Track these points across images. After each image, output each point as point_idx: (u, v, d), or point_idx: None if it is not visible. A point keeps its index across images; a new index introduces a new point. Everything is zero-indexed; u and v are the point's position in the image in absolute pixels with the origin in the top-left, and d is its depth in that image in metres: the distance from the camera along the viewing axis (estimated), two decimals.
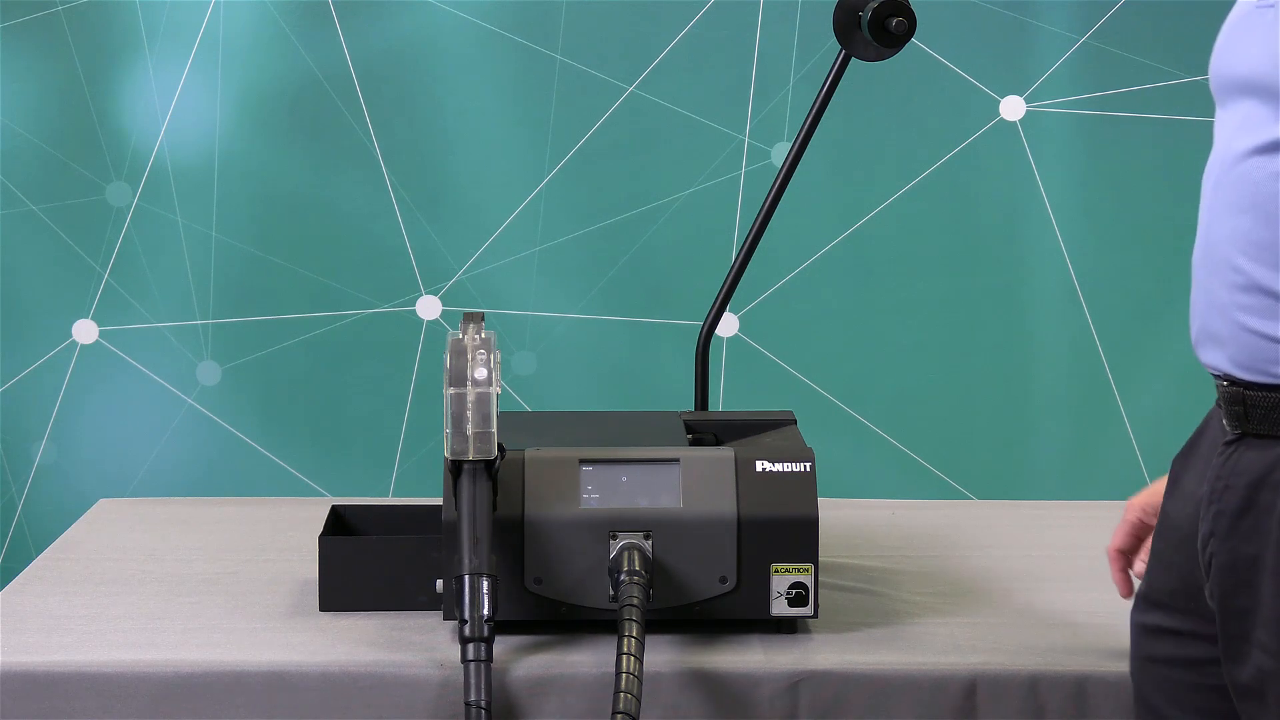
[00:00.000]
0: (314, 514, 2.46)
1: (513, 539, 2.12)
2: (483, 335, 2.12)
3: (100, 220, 3.94)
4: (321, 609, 2.23)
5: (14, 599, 2.30)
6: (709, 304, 2.79)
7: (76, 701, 2.03)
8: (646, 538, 2.12)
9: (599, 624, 2.12)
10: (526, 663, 2.07)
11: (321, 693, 2.05)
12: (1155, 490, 2.00)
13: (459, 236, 3.98)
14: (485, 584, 2.02)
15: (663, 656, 2.08)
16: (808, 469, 2.17)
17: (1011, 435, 4.05)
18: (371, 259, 3.98)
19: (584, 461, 2.17)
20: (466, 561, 2.03)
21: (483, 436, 2.08)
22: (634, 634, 1.98)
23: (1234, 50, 1.78)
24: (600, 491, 2.15)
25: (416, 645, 2.12)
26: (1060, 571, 2.45)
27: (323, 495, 3.91)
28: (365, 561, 2.23)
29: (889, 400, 4.00)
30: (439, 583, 2.14)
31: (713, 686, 2.07)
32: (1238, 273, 1.73)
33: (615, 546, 2.12)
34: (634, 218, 3.97)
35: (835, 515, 2.53)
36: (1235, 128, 1.75)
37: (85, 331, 3.97)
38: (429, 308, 3.99)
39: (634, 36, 3.95)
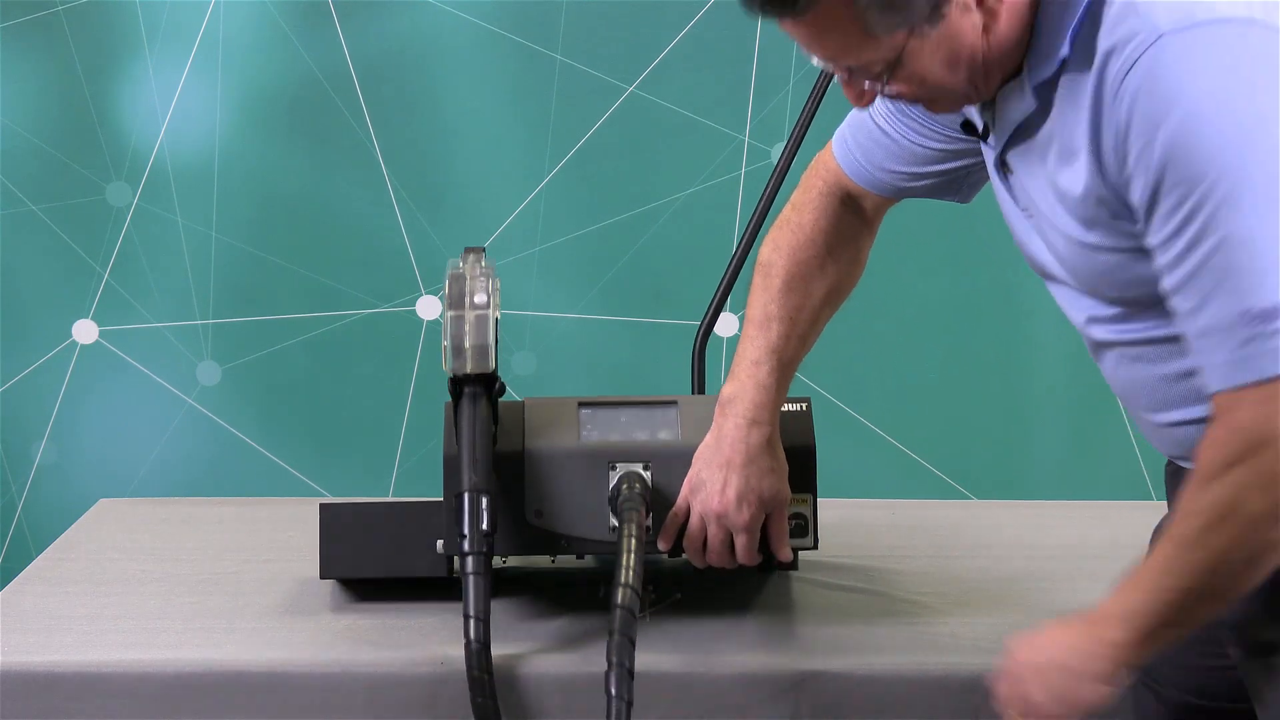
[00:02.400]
0: (314, 514, 2.46)
1: (513, 472, 2.12)
2: (484, 265, 2.13)
3: (100, 220, 3.94)
4: (322, 576, 2.23)
5: (14, 599, 2.29)
6: (708, 304, 2.80)
7: (76, 701, 2.03)
8: (646, 469, 2.13)
9: (601, 624, 2.11)
10: (529, 662, 2.07)
11: (322, 692, 2.05)
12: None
13: (459, 236, 3.97)
14: (484, 500, 2.04)
15: (664, 656, 2.08)
16: (804, 408, 2.19)
17: (1011, 435, 4.05)
18: (371, 259, 3.98)
19: (583, 404, 2.19)
20: (466, 479, 2.05)
21: (480, 349, 2.09)
22: (634, 534, 2.01)
23: (1024, 245, 1.91)
24: (599, 429, 2.16)
25: (417, 644, 2.12)
26: (1060, 571, 2.45)
27: (323, 495, 3.91)
28: (366, 528, 2.23)
29: (889, 400, 4.00)
30: (439, 543, 2.15)
31: (715, 687, 2.07)
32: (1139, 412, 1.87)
33: (614, 477, 2.13)
34: (634, 218, 3.97)
35: (835, 515, 2.53)
36: (1064, 301, 1.90)
37: (85, 331, 3.97)
38: (429, 308, 3.99)
39: (634, 36, 3.94)
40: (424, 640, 2.13)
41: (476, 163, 3.96)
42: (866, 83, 1.76)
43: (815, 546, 2.17)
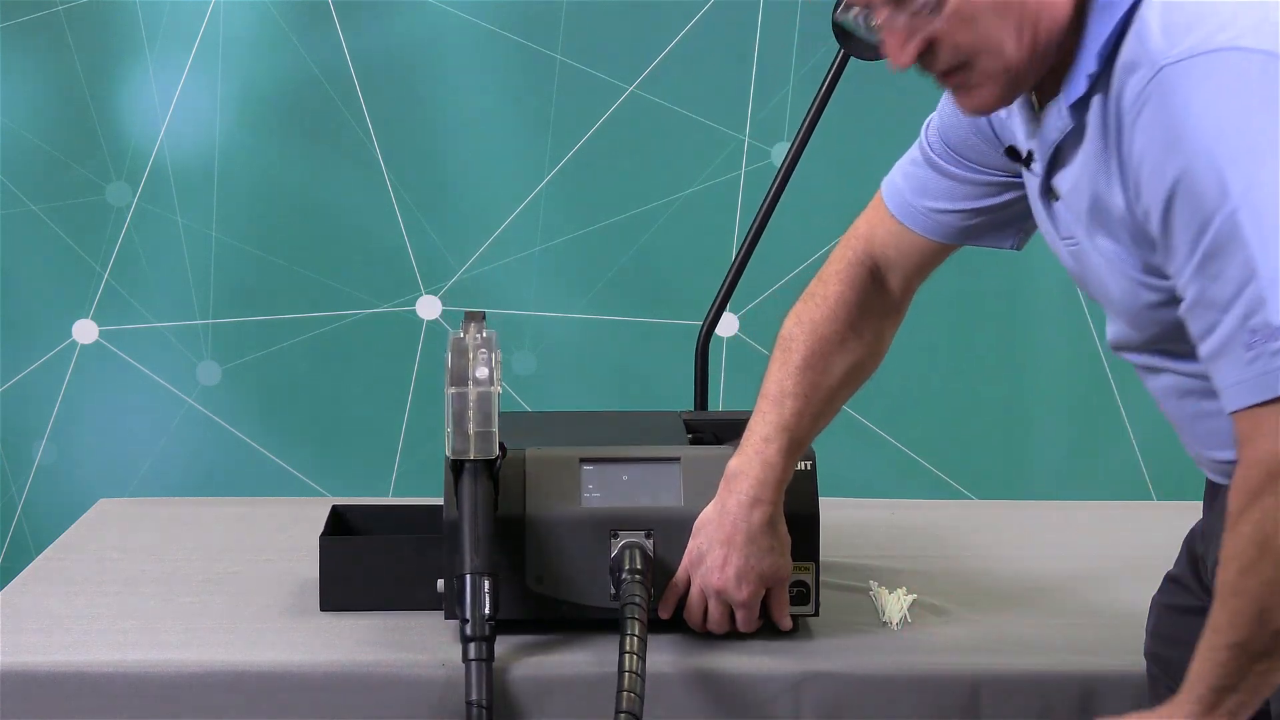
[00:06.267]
0: (314, 514, 2.46)
1: (514, 538, 2.12)
2: (484, 334, 2.12)
3: (100, 220, 3.94)
4: (322, 609, 2.23)
5: (14, 599, 2.29)
6: (709, 304, 2.79)
7: (76, 701, 2.03)
8: (648, 536, 2.12)
9: (601, 623, 2.12)
10: (528, 663, 2.07)
11: (322, 693, 2.04)
12: None
13: (459, 236, 3.97)
14: (486, 583, 2.03)
15: (665, 657, 2.08)
16: (808, 467, 2.17)
17: (1011, 435, 4.05)
18: (371, 259, 3.98)
19: (585, 460, 2.17)
20: (468, 561, 2.04)
21: (484, 435, 2.08)
22: (636, 632, 1.98)
23: (1072, 274, 1.87)
24: (601, 490, 2.15)
25: (417, 645, 2.11)
26: (1061, 571, 2.45)
27: (323, 495, 3.91)
28: (366, 561, 2.23)
29: (889, 400, 4.00)
30: (440, 582, 2.14)
31: (715, 687, 2.06)
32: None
33: (616, 545, 2.12)
34: (634, 218, 3.97)
35: (835, 515, 2.52)
36: (1116, 327, 1.87)
37: (85, 331, 3.97)
38: (429, 308, 3.99)
39: (634, 36, 3.95)
40: (424, 641, 2.13)
41: (476, 163, 3.96)
42: (905, 21, 1.69)
43: (816, 614, 2.17)
